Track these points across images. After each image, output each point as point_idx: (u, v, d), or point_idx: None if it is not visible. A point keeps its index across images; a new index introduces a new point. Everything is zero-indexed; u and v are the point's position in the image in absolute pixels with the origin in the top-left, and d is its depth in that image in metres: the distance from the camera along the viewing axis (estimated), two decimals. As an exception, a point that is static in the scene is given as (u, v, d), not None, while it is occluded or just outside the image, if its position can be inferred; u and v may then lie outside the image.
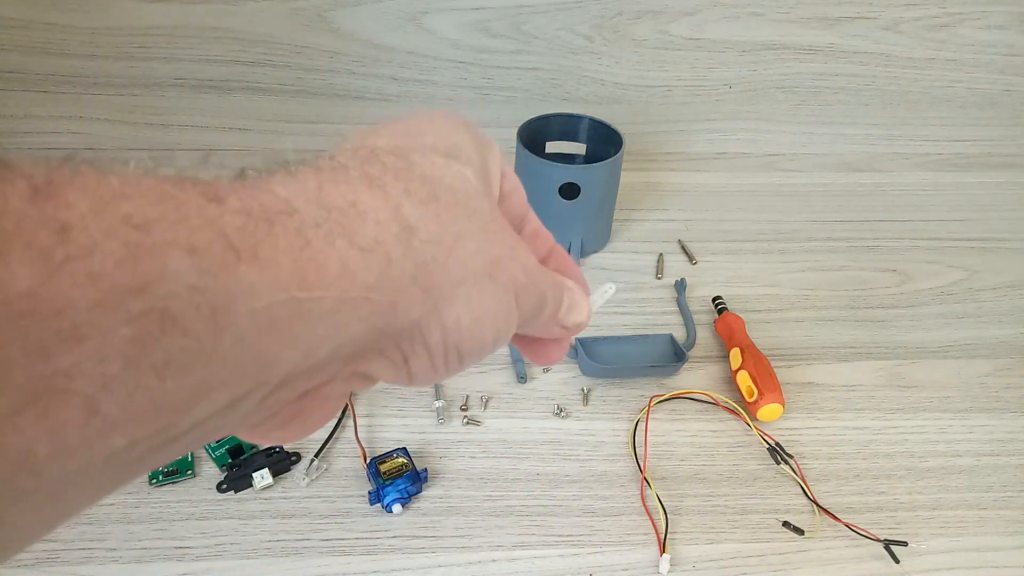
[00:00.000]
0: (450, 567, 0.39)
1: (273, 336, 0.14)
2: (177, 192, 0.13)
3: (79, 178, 0.13)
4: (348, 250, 0.15)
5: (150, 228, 0.12)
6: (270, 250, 0.14)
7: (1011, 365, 0.53)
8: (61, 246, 0.11)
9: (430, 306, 0.18)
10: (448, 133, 0.21)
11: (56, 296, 0.11)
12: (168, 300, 0.12)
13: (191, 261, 0.13)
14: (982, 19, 0.70)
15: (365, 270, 0.16)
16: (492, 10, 0.66)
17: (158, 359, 0.12)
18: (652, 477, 0.44)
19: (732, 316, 0.53)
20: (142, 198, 0.13)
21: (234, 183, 0.15)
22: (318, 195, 0.16)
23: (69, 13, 0.64)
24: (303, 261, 0.15)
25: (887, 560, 0.40)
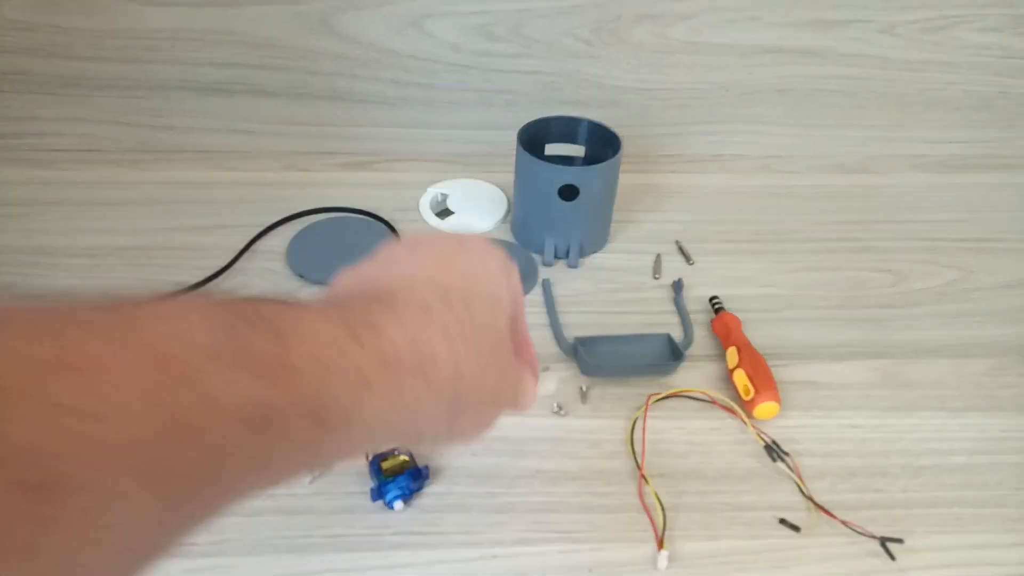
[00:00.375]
0: (452, 563, 0.39)
1: (371, 435, 0.23)
2: (339, 337, 0.22)
3: (301, 326, 0.21)
4: (424, 389, 0.24)
5: (328, 364, 0.21)
6: (382, 386, 0.22)
7: (1006, 364, 0.54)
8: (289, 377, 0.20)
9: (449, 422, 0.26)
10: (496, 283, 0.28)
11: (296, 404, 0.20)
12: (327, 410, 0.21)
13: (346, 390, 0.21)
14: (977, 22, 0.71)
15: (430, 402, 0.24)
16: (493, 14, 0.67)
17: (314, 441, 0.21)
18: (650, 474, 0.44)
19: (729, 316, 0.54)
20: (320, 342, 0.21)
21: (365, 325, 0.23)
22: (416, 346, 0.23)
23: (74, 16, 0.64)
24: (400, 392, 0.23)
25: (883, 557, 0.41)
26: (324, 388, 0.20)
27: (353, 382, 0.21)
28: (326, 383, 0.20)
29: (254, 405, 0.19)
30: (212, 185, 0.67)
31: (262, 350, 0.19)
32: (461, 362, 0.24)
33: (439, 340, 0.24)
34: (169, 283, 0.55)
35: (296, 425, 0.20)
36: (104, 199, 0.64)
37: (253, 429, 0.19)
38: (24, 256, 0.58)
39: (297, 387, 0.20)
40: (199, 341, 0.18)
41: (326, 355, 0.21)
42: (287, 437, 0.20)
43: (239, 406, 0.18)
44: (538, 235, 0.60)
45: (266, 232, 0.62)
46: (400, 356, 0.23)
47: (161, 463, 0.17)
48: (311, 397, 0.20)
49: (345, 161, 0.71)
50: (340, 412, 0.21)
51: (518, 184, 0.60)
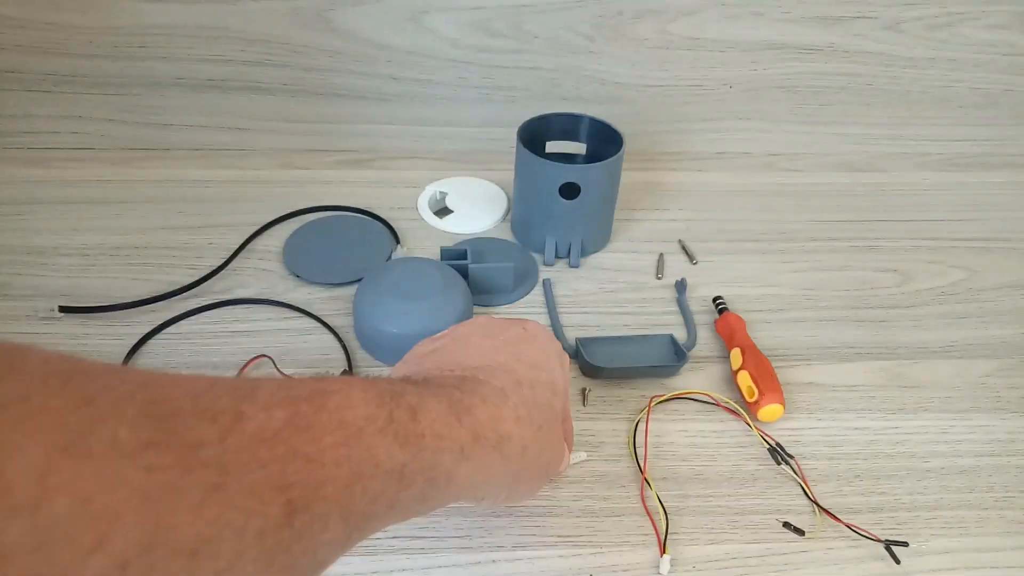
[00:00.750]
0: (451, 567, 0.39)
1: (457, 494, 0.29)
2: (448, 417, 0.28)
3: (424, 402, 0.28)
4: (499, 461, 0.30)
5: (441, 436, 0.27)
6: (473, 456, 0.28)
7: (1013, 365, 0.53)
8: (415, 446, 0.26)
9: (509, 488, 0.32)
10: (554, 370, 0.35)
11: (418, 467, 0.26)
12: (436, 472, 0.27)
13: (450, 457, 0.27)
14: (983, 19, 0.70)
15: (502, 471, 0.30)
16: (492, 9, 0.66)
17: (425, 495, 0.27)
18: (652, 477, 0.44)
19: (733, 316, 0.53)
20: (437, 419, 0.27)
21: (462, 407, 0.29)
22: (496, 425, 0.30)
23: (68, 12, 0.63)
24: (484, 461, 0.29)
25: (888, 561, 0.40)
26: (437, 455, 0.26)
27: (455, 452, 0.27)
28: (439, 451, 0.27)
29: (394, 462, 0.25)
30: (207, 183, 0.66)
31: (401, 422, 0.25)
32: (526, 440, 0.31)
33: (512, 422, 0.30)
34: (164, 282, 0.55)
35: (416, 480, 0.26)
36: (98, 197, 0.64)
37: (392, 481, 0.25)
38: (17, 255, 0.57)
39: (420, 451, 0.26)
40: (364, 412, 0.24)
41: (440, 429, 0.27)
42: (409, 488, 0.25)
43: (387, 462, 0.24)
44: (539, 234, 0.60)
45: (262, 231, 0.61)
46: (486, 434, 0.29)
47: (346, 499, 0.23)
48: (428, 460, 0.26)
49: (342, 159, 0.70)
50: (444, 473, 0.27)
51: (518, 182, 0.59)
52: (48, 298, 0.53)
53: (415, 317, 0.48)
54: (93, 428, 0.17)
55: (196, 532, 0.18)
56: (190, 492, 0.18)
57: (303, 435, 0.22)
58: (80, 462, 0.17)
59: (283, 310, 0.53)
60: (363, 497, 0.23)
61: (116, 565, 0.17)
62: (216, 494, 0.19)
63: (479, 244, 0.61)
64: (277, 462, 0.21)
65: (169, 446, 0.19)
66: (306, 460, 0.22)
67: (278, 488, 0.20)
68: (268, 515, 0.20)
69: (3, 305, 0.53)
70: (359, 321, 0.51)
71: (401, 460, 0.25)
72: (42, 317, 0.51)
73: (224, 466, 0.19)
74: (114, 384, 0.19)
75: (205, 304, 0.53)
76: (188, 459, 0.19)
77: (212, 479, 0.19)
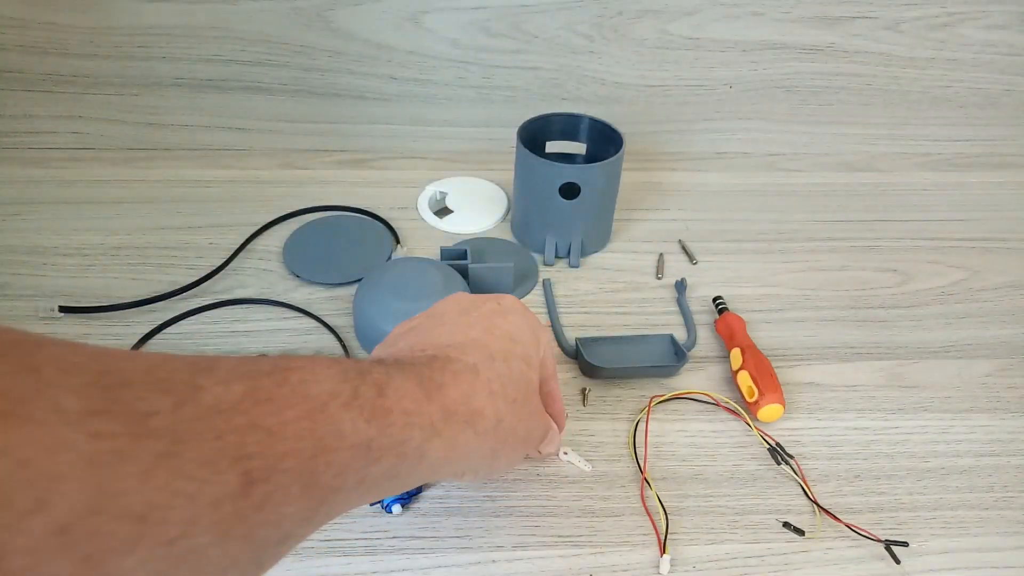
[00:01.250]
0: (450, 567, 0.39)
1: (432, 470, 0.29)
2: (417, 393, 0.28)
3: (391, 380, 0.28)
4: (473, 436, 0.30)
5: (410, 412, 0.27)
6: (444, 433, 0.28)
7: (1012, 365, 0.53)
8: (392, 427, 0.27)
9: (489, 462, 0.32)
10: (528, 343, 0.35)
11: (384, 443, 0.26)
12: (407, 448, 0.27)
13: (420, 433, 0.27)
14: (983, 19, 0.70)
15: (477, 446, 0.30)
16: (492, 9, 0.66)
17: (396, 471, 0.27)
18: (652, 477, 0.44)
19: (732, 316, 0.53)
20: (405, 395, 0.28)
21: (432, 384, 0.29)
22: (468, 401, 0.30)
23: (68, 12, 0.63)
24: (456, 438, 0.29)
25: (888, 561, 0.40)
26: (406, 430, 0.27)
27: (426, 428, 0.28)
28: (408, 426, 0.27)
29: (361, 437, 0.25)
30: (207, 183, 0.66)
31: (367, 397, 0.26)
32: (501, 414, 0.31)
33: (485, 397, 0.30)
34: (164, 282, 0.55)
35: (385, 455, 0.26)
36: (98, 197, 0.64)
37: (359, 455, 0.25)
38: (17, 255, 0.57)
39: (388, 427, 0.26)
40: (329, 387, 0.25)
41: (408, 406, 0.27)
42: (377, 464, 0.26)
43: (353, 436, 0.24)
44: (538, 234, 0.60)
45: (262, 231, 0.61)
46: (457, 410, 0.29)
47: (309, 472, 0.23)
48: (397, 436, 0.26)
49: (342, 159, 0.70)
50: (415, 450, 0.27)
51: (518, 182, 0.59)
52: (48, 298, 0.53)
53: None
54: (36, 395, 0.18)
55: (144, 498, 0.18)
56: (138, 459, 0.18)
57: (263, 408, 0.22)
58: (21, 426, 0.17)
59: (283, 310, 0.53)
60: (327, 470, 0.23)
61: (56, 527, 0.17)
62: (167, 461, 0.19)
63: (479, 244, 0.61)
64: (234, 433, 0.21)
65: (117, 414, 0.19)
66: (266, 432, 0.22)
67: (234, 458, 0.21)
68: (223, 483, 0.20)
69: (3, 305, 0.53)
70: (359, 321, 0.51)
71: (368, 435, 0.25)
72: (42, 317, 0.51)
73: (177, 435, 0.19)
74: (63, 355, 0.19)
75: (205, 304, 0.53)
76: (136, 427, 0.19)
77: (162, 447, 0.19)
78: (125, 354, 0.21)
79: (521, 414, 0.33)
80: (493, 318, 0.34)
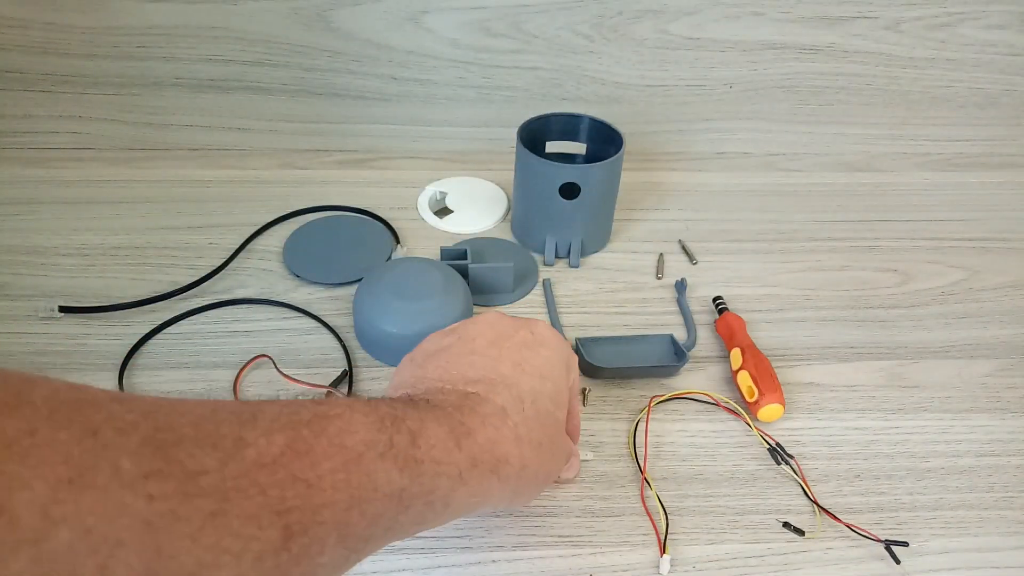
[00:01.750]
0: (450, 568, 0.39)
1: (454, 515, 0.29)
2: (448, 442, 0.28)
3: (424, 428, 0.28)
4: (497, 483, 0.30)
5: (440, 462, 0.27)
6: (470, 481, 0.28)
7: (1012, 365, 0.53)
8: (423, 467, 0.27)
9: (509, 501, 0.32)
10: (559, 378, 0.35)
11: (420, 489, 0.27)
12: (434, 497, 0.27)
13: (447, 482, 0.27)
14: (983, 19, 0.70)
15: (499, 491, 0.30)
16: (492, 9, 0.66)
17: (422, 518, 0.27)
18: (652, 477, 0.44)
19: (732, 316, 0.53)
20: (436, 444, 0.28)
21: (462, 431, 0.29)
22: (494, 448, 0.30)
23: (68, 12, 0.63)
24: (480, 485, 0.29)
25: (888, 561, 0.40)
26: (435, 479, 0.27)
27: (453, 477, 0.28)
28: (437, 475, 0.27)
29: (393, 487, 0.25)
30: (207, 183, 0.66)
31: (401, 447, 0.26)
32: (526, 460, 0.31)
33: (511, 443, 0.30)
34: (164, 282, 0.55)
35: (414, 504, 0.26)
36: (98, 197, 0.64)
37: (391, 505, 0.25)
38: (17, 255, 0.57)
39: (419, 476, 0.26)
40: (365, 437, 0.25)
41: (439, 455, 0.27)
42: (407, 512, 0.26)
43: (386, 486, 0.25)
44: (538, 234, 0.60)
45: (262, 231, 0.61)
46: (484, 458, 0.29)
47: (344, 523, 0.23)
48: (427, 485, 0.27)
49: (342, 159, 0.70)
50: (442, 497, 0.27)
51: (518, 182, 0.59)
52: (48, 298, 0.53)
53: (415, 317, 0.48)
54: (97, 459, 0.18)
55: (196, 558, 0.19)
56: (190, 520, 0.19)
57: (303, 460, 0.22)
58: (83, 493, 0.17)
59: (283, 310, 0.53)
60: (361, 521, 0.24)
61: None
62: (215, 520, 0.19)
63: (479, 244, 0.61)
64: (276, 487, 0.21)
65: (171, 474, 0.19)
66: (305, 485, 0.22)
67: (276, 513, 0.21)
68: (266, 539, 0.20)
69: (3, 305, 0.53)
70: (359, 321, 0.51)
71: (400, 485, 0.25)
72: (42, 317, 0.51)
73: (224, 493, 0.20)
74: (118, 414, 0.20)
75: (205, 304, 0.53)
76: (188, 487, 0.19)
77: (212, 506, 0.19)
78: (173, 406, 0.21)
79: (545, 457, 0.33)
80: (524, 351, 0.34)
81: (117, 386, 0.47)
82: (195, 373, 0.48)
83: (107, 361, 0.49)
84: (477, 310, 0.55)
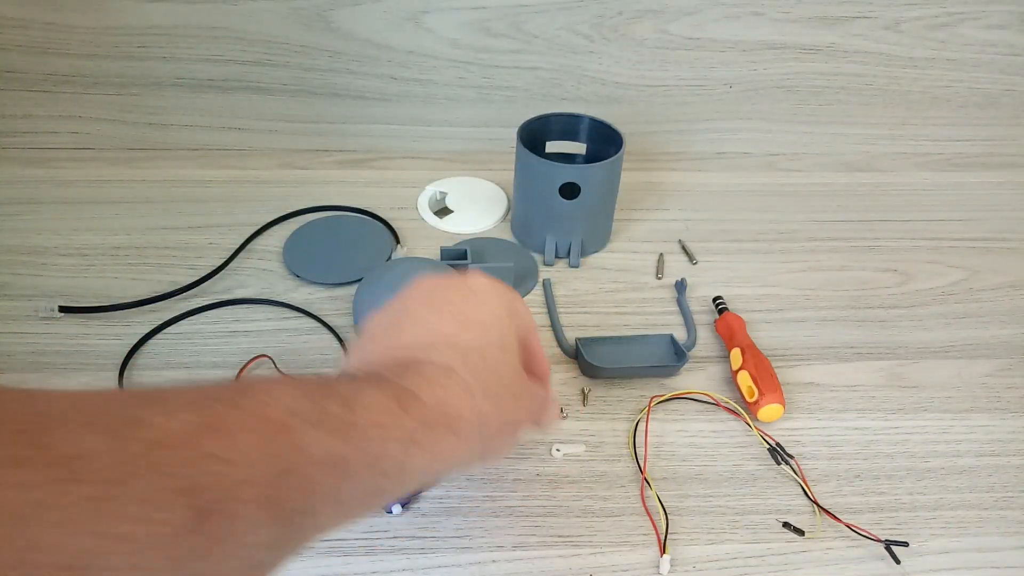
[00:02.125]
0: (450, 567, 0.39)
1: (418, 480, 0.29)
2: (391, 405, 0.27)
3: (361, 395, 0.27)
4: (455, 441, 0.29)
5: (384, 425, 0.26)
6: (425, 443, 0.27)
7: (1012, 365, 0.53)
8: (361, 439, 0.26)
9: (479, 457, 0.31)
10: (503, 325, 0.33)
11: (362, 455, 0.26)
12: (385, 464, 0.26)
13: (398, 446, 0.27)
14: (983, 19, 0.70)
15: (461, 450, 0.29)
16: (492, 9, 0.66)
17: (378, 487, 0.27)
18: (652, 477, 0.44)
19: (732, 316, 0.53)
20: (377, 408, 0.26)
21: (407, 394, 0.28)
22: (444, 407, 0.28)
23: (68, 13, 0.63)
24: (438, 446, 0.28)
25: (888, 561, 0.40)
26: (381, 444, 0.26)
27: (404, 440, 0.27)
28: (383, 439, 0.26)
29: (330, 455, 0.24)
30: (207, 183, 0.66)
31: (334, 414, 0.25)
32: (482, 411, 0.30)
33: (463, 398, 0.29)
34: (164, 282, 0.55)
35: (361, 472, 0.25)
36: (98, 197, 0.64)
37: (330, 474, 0.24)
38: (17, 255, 0.57)
39: (361, 442, 0.25)
40: (290, 406, 0.24)
41: (382, 419, 0.26)
42: (354, 480, 0.25)
43: (321, 455, 0.24)
44: (539, 234, 0.60)
45: (262, 231, 0.61)
46: (435, 418, 0.28)
47: (273, 498, 0.22)
48: (372, 450, 0.26)
49: (342, 159, 0.70)
50: (395, 463, 0.26)
51: (518, 182, 0.59)
52: (48, 298, 0.53)
53: (415, 317, 0.48)
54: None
55: (78, 547, 0.18)
56: (63, 507, 0.18)
57: (215, 435, 0.21)
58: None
59: (283, 310, 0.53)
60: (294, 493, 0.23)
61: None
62: (100, 506, 0.18)
63: (479, 244, 0.61)
64: (183, 466, 0.20)
65: (39, 462, 0.18)
66: (220, 462, 0.21)
67: (181, 492, 0.20)
68: (172, 522, 0.19)
69: (3, 305, 0.53)
70: (359, 321, 0.51)
71: (340, 452, 0.24)
72: (42, 317, 0.51)
73: (111, 476, 0.19)
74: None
75: (205, 304, 0.53)
76: (60, 472, 0.18)
77: (92, 491, 0.18)
78: (61, 395, 0.20)
79: (504, 405, 0.31)
80: (464, 306, 0.33)
81: (117, 386, 0.47)
82: (195, 373, 0.48)
83: (107, 361, 0.49)
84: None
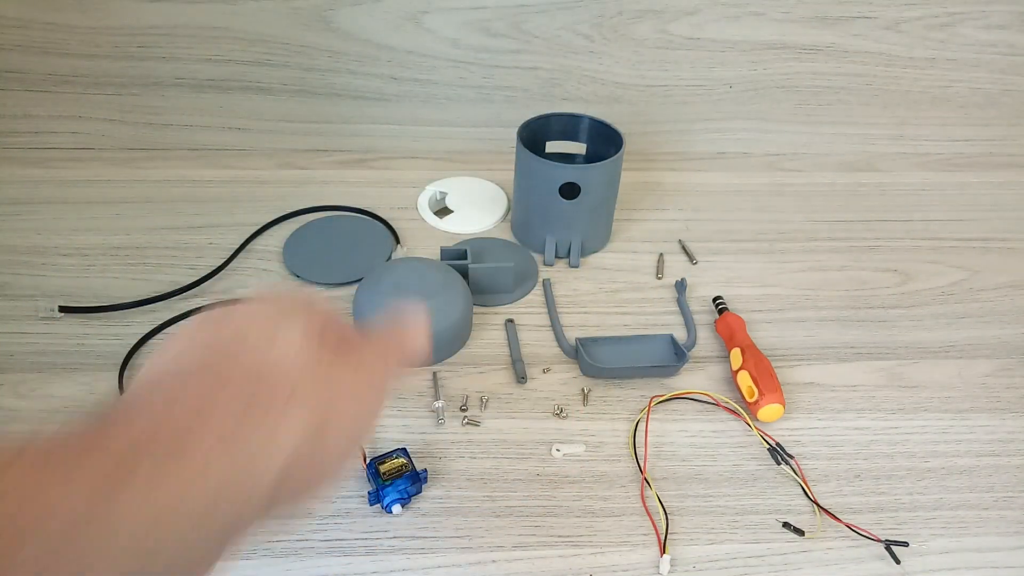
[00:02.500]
0: (450, 567, 0.39)
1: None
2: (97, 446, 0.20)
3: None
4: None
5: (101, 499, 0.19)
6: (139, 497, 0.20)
7: (1012, 365, 0.53)
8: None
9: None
10: (295, 337, 0.25)
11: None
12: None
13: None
14: (982, 19, 0.70)
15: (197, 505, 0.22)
16: (492, 9, 0.66)
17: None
18: (652, 477, 0.44)
19: (732, 316, 0.53)
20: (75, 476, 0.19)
21: (133, 424, 0.21)
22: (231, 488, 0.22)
23: (68, 12, 0.63)
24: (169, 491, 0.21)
25: (888, 560, 0.40)
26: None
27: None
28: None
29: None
30: (207, 183, 0.66)
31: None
32: (289, 468, 0.23)
33: (263, 459, 0.22)
34: (164, 283, 0.55)
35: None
36: (98, 197, 0.64)
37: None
38: (17, 255, 0.57)
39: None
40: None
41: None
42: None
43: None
44: (539, 234, 0.60)
45: (262, 231, 0.61)
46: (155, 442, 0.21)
47: (7, 554, 0.18)
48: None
49: (342, 159, 0.70)
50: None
51: (518, 182, 0.59)
52: (48, 298, 0.53)
53: (415, 317, 0.48)
54: None
55: None
56: None
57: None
58: None
59: (283, 310, 0.53)
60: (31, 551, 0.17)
61: None
62: None
63: (479, 244, 0.61)
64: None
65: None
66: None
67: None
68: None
69: (3, 305, 0.53)
70: (359, 321, 0.51)
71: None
72: (42, 317, 0.51)
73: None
74: None
75: (205, 304, 0.53)
76: None
77: None
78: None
79: (324, 416, 0.24)
80: (255, 328, 0.25)
81: (117, 386, 0.47)
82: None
83: (107, 361, 0.49)
84: (477, 310, 0.54)
